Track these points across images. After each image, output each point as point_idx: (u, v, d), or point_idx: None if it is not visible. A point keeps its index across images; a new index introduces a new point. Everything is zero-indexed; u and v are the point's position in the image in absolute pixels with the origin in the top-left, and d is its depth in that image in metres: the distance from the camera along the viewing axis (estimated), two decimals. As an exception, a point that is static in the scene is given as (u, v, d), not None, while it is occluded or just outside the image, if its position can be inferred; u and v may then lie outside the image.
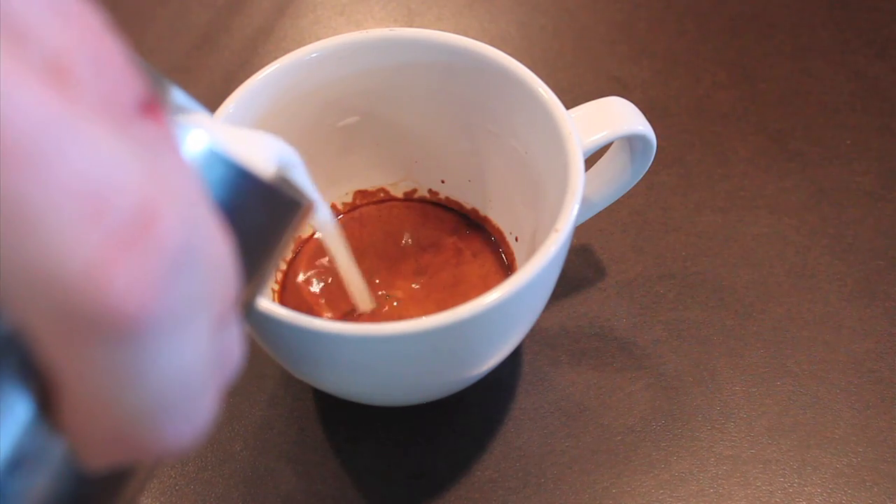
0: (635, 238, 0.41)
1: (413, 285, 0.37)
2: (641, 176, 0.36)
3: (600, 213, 0.38)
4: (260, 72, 0.34)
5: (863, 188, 0.43)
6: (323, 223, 0.31)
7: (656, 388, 0.37)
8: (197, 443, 0.17)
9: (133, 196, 0.14)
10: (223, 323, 0.16)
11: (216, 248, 0.16)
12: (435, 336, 0.28)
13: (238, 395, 0.37)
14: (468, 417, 0.36)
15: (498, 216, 0.38)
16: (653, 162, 0.35)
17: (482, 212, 0.39)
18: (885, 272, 0.40)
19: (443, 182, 0.39)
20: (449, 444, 0.36)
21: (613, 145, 0.36)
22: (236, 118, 0.33)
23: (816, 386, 0.37)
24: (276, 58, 0.34)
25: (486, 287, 0.35)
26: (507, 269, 0.38)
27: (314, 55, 0.35)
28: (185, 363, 0.16)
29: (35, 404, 0.16)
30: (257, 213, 0.18)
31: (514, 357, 0.38)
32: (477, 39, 0.35)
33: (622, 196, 0.37)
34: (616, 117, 0.34)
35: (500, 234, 0.38)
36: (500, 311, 0.29)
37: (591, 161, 0.34)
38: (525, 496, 0.34)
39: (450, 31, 0.35)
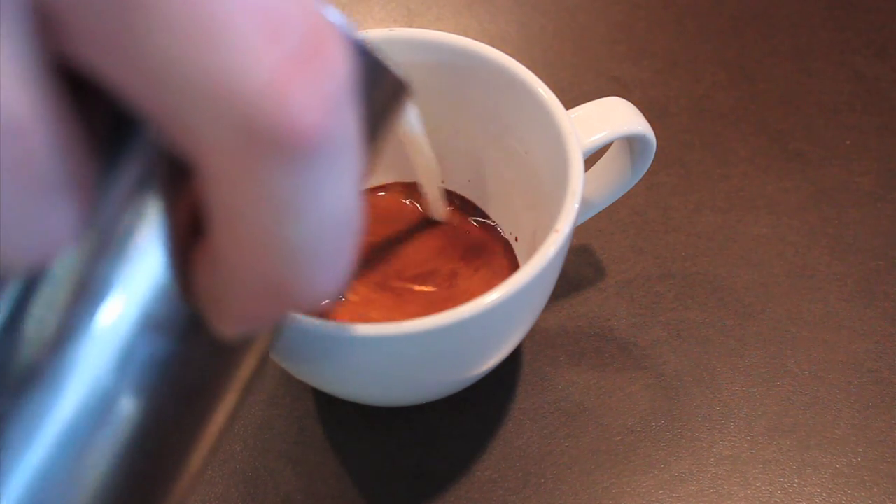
0: (635, 238, 0.41)
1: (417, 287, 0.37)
2: (641, 176, 0.36)
3: (600, 213, 0.38)
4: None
5: (863, 188, 0.43)
6: (412, 121, 0.31)
7: (656, 389, 0.37)
8: (336, 296, 0.17)
9: (307, 20, 0.14)
10: (360, 168, 0.17)
11: (352, 88, 0.16)
12: (435, 336, 0.28)
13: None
14: (468, 417, 0.36)
15: (498, 216, 0.38)
16: (653, 162, 0.35)
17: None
18: (885, 272, 0.40)
19: (442, 182, 0.39)
20: (449, 444, 0.36)
21: (613, 145, 0.36)
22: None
23: (816, 386, 0.37)
24: (276, 58, 0.34)
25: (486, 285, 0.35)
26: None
27: (314, 55, 0.35)
28: (340, 201, 0.16)
29: (171, 258, 0.16)
30: (372, 85, 0.18)
31: (514, 357, 0.38)
32: (477, 39, 0.35)
33: (622, 196, 0.37)
34: (616, 117, 0.34)
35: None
36: (500, 311, 0.29)
37: (591, 161, 0.34)
38: (525, 496, 0.34)
39: (450, 31, 0.35)
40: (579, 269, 0.40)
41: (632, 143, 0.35)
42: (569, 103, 0.33)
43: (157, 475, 0.18)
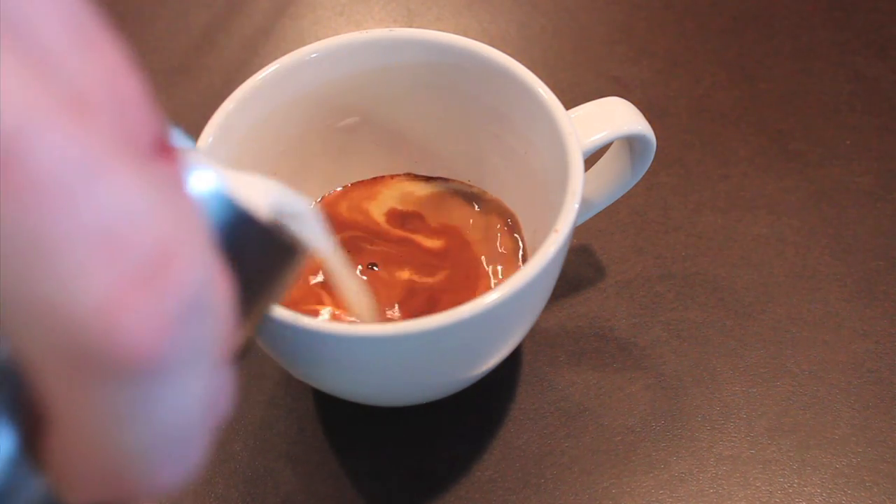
0: (635, 238, 0.41)
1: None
2: (641, 176, 0.36)
3: (600, 213, 0.38)
4: (260, 72, 0.34)
5: (863, 188, 0.43)
6: (327, 255, 0.30)
7: (656, 389, 0.37)
8: (185, 484, 0.17)
9: (151, 237, 0.14)
10: (218, 366, 0.16)
11: (220, 292, 0.15)
12: (435, 336, 0.28)
13: (237, 396, 0.37)
14: (468, 417, 0.36)
15: (498, 216, 0.38)
16: (653, 162, 0.35)
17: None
18: (885, 272, 0.40)
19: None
20: (449, 444, 0.36)
21: (613, 145, 0.36)
22: (236, 118, 0.33)
23: (816, 386, 0.37)
24: (276, 58, 0.34)
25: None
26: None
27: (314, 55, 0.35)
28: (184, 405, 0.15)
29: (19, 438, 0.16)
30: (255, 257, 0.18)
31: (514, 357, 0.38)
32: (477, 39, 0.35)
33: (622, 196, 0.37)
34: (616, 117, 0.34)
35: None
36: (500, 311, 0.29)
37: (590, 161, 0.34)
38: (525, 496, 0.34)
39: (450, 31, 0.35)
40: (579, 269, 0.40)
41: (632, 143, 0.35)
42: (569, 103, 0.33)
43: None
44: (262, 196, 0.24)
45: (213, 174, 0.17)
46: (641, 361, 0.38)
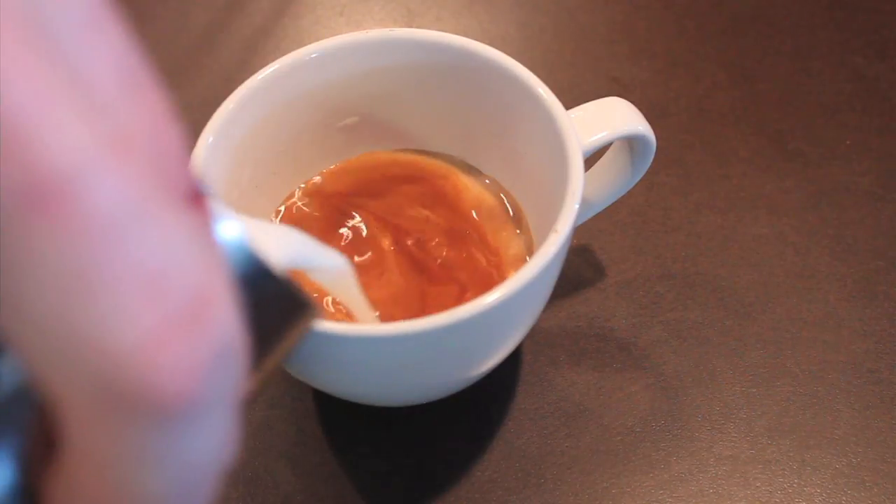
0: (635, 238, 0.41)
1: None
2: (641, 176, 0.36)
3: (600, 213, 0.38)
4: (260, 72, 0.34)
5: (863, 188, 0.43)
6: (350, 304, 0.31)
7: (656, 389, 0.37)
8: None
9: (192, 282, 0.14)
10: (233, 414, 0.17)
11: (241, 342, 0.16)
12: (435, 336, 0.28)
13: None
14: (468, 417, 0.36)
15: (498, 216, 0.38)
16: (653, 162, 0.35)
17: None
18: (885, 272, 0.40)
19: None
20: (449, 444, 0.36)
21: (613, 146, 0.36)
22: (236, 118, 0.33)
23: (816, 386, 0.37)
24: (276, 58, 0.34)
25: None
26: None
27: (314, 55, 0.35)
28: (202, 451, 0.15)
29: (20, 472, 0.16)
30: (269, 310, 0.18)
31: (514, 357, 0.38)
32: (477, 39, 0.35)
33: (622, 196, 0.37)
34: (616, 118, 0.34)
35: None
36: (500, 311, 0.29)
37: (590, 161, 0.34)
38: (525, 496, 0.34)
39: (450, 32, 0.35)
40: (579, 269, 0.40)
41: (632, 143, 0.35)
42: (569, 103, 0.33)
43: None
44: (283, 248, 0.24)
45: (237, 225, 0.17)
46: (641, 361, 0.38)
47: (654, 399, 0.37)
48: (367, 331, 0.28)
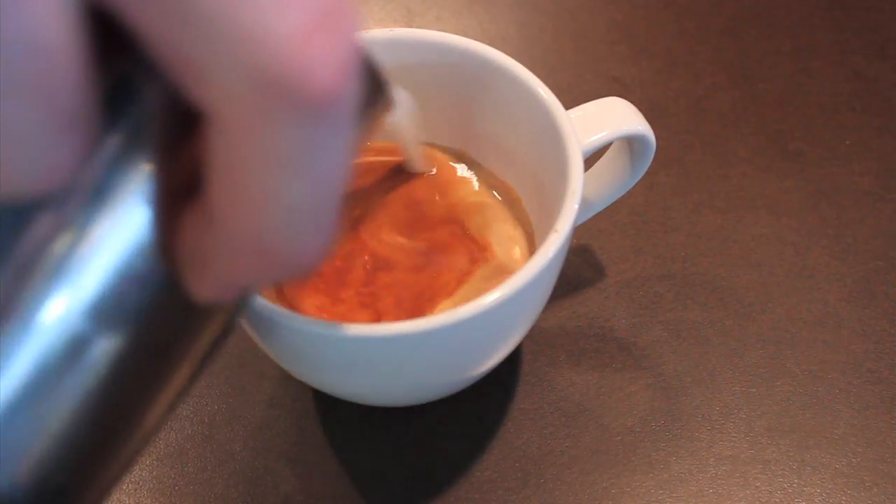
0: (635, 238, 0.41)
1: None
2: (641, 176, 0.36)
3: (600, 213, 0.38)
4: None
5: (862, 188, 0.43)
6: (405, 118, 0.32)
7: (656, 388, 0.37)
8: (318, 265, 0.17)
9: None
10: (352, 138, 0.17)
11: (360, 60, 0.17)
12: (435, 336, 0.28)
13: (237, 396, 0.37)
14: (468, 417, 0.36)
15: (498, 216, 0.38)
16: (652, 162, 0.35)
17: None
18: (884, 272, 0.40)
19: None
20: (449, 444, 0.36)
21: (613, 146, 0.36)
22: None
23: (816, 386, 0.37)
24: (275, 58, 0.34)
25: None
26: None
27: (314, 55, 0.35)
28: (336, 165, 0.16)
29: (154, 222, 0.17)
30: (364, 87, 0.19)
31: (514, 357, 0.38)
32: (477, 39, 0.35)
33: (622, 196, 0.37)
34: (615, 118, 0.34)
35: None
36: (500, 311, 0.29)
37: (590, 161, 0.34)
38: (524, 496, 0.34)
39: (449, 32, 0.35)
40: (579, 269, 0.40)
41: (632, 143, 0.35)
42: (569, 103, 0.33)
43: (116, 425, 0.18)
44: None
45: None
46: (641, 361, 0.38)
47: (654, 399, 0.37)
48: (367, 331, 0.28)
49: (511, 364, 0.37)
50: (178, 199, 0.17)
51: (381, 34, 0.35)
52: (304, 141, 0.15)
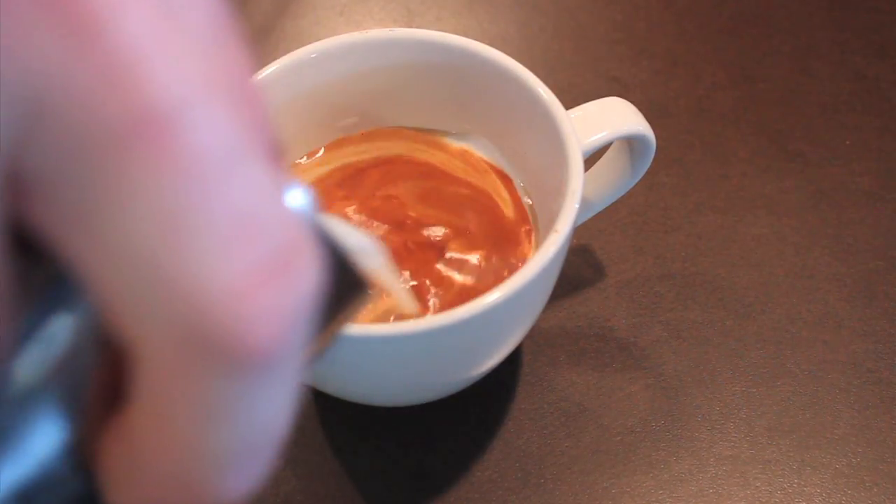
0: (635, 238, 0.41)
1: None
2: (641, 176, 0.36)
3: (600, 213, 0.38)
4: (260, 72, 0.34)
5: (862, 188, 0.43)
6: (388, 286, 0.31)
7: (656, 389, 0.37)
8: (246, 499, 0.16)
9: (282, 230, 0.14)
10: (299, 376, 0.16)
11: (317, 300, 0.15)
12: (435, 336, 0.28)
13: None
14: (468, 417, 0.36)
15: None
16: (652, 162, 0.35)
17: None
18: (884, 272, 0.40)
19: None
20: (449, 444, 0.36)
21: (613, 146, 0.36)
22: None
23: (816, 386, 0.37)
24: (276, 58, 0.34)
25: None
26: None
27: (314, 55, 0.35)
28: (273, 412, 0.15)
29: (74, 430, 0.16)
30: (331, 281, 0.18)
31: (514, 357, 0.38)
32: (477, 39, 0.35)
33: (622, 196, 0.37)
34: (616, 118, 0.34)
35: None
36: (500, 312, 0.29)
37: (590, 161, 0.34)
38: (525, 496, 0.34)
39: (450, 32, 0.35)
40: (579, 269, 0.40)
41: (632, 143, 0.35)
42: (569, 103, 0.33)
43: None
44: (344, 231, 0.24)
45: (305, 192, 0.17)
46: (641, 361, 0.38)
47: (654, 399, 0.37)
48: (367, 331, 0.28)
49: (511, 364, 0.37)
50: (104, 404, 0.16)
51: (381, 34, 0.35)
52: (236, 394, 0.14)
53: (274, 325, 0.13)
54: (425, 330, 0.28)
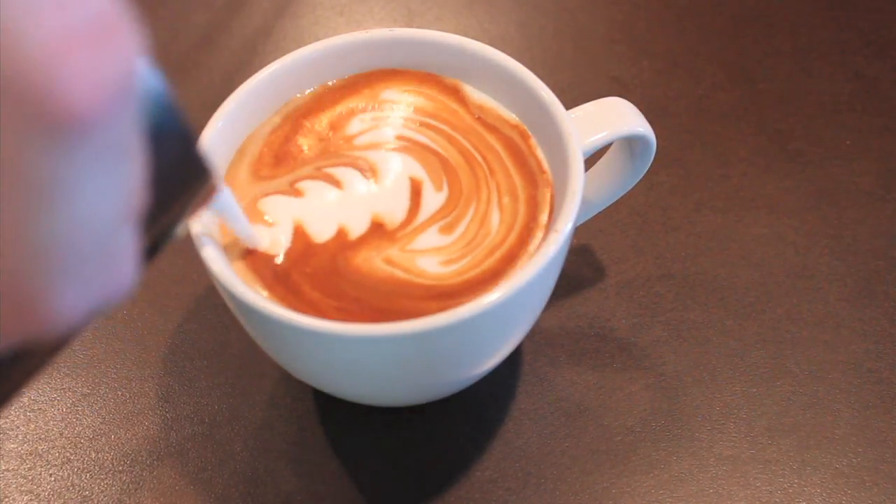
0: (635, 238, 0.41)
1: None
2: (641, 176, 0.36)
3: (600, 213, 0.38)
4: (260, 72, 0.34)
5: (863, 188, 0.43)
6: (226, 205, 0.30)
7: (656, 389, 0.37)
8: (83, 326, 0.15)
9: (100, 3, 0.14)
10: (129, 215, 0.16)
11: (136, 143, 0.15)
12: (435, 336, 0.28)
13: (238, 396, 0.37)
14: (468, 417, 0.36)
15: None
16: (653, 162, 0.35)
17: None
18: (884, 272, 0.40)
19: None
20: (449, 444, 0.36)
21: (613, 146, 0.36)
22: (236, 118, 0.33)
23: (816, 386, 0.37)
24: (276, 58, 0.34)
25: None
26: None
27: (314, 55, 0.35)
28: (103, 202, 0.15)
29: None
30: (174, 166, 0.18)
31: (514, 357, 0.38)
32: (477, 39, 0.35)
33: (622, 196, 0.37)
34: (616, 118, 0.34)
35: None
36: (500, 311, 0.29)
37: (591, 161, 0.34)
38: (525, 496, 0.34)
39: (450, 31, 0.35)
40: (579, 269, 0.40)
41: (632, 143, 0.35)
42: (569, 103, 0.33)
43: None
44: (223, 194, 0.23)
45: (162, 78, 0.17)
46: (641, 361, 0.38)
47: (654, 399, 0.37)
48: (366, 331, 0.28)
49: (511, 364, 0.37)
50: None
51: (381, 34, 0.35)
52: (57, 167, 0.13)
53: (90, 89, 0.14)
54: (425, 330, 0.28)
